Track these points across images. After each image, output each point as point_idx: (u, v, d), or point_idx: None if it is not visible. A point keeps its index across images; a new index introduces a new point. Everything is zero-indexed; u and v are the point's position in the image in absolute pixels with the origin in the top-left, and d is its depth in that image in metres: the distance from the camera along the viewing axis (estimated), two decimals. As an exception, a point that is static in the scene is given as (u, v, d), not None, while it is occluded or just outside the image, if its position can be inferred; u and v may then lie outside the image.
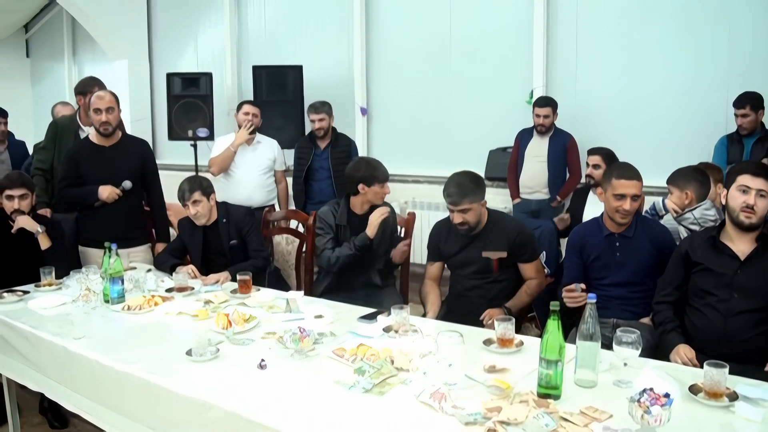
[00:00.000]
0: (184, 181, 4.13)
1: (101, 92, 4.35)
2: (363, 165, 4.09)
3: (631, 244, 3.40)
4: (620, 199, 3.31)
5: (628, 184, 3.30)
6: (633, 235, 3.41)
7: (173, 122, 7.37)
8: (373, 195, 4.05)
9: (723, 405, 2.10)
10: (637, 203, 3.35)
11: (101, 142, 4.34)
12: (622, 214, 3.33)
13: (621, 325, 3.13)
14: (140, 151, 4.52)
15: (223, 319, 2.95)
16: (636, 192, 3.32)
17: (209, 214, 4.13)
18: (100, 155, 4.32)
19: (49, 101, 11.85)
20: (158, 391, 2.44)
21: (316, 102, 5.77)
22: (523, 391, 2.18)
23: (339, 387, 2.31)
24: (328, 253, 4.02)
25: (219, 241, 4.17)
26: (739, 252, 2.87)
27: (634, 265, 3.39)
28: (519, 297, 3.58)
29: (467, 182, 3.56)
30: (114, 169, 4.30)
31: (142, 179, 4.46)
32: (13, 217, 4.00)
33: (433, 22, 7.03)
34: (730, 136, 5.17)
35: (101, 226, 4.22)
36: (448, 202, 3.57)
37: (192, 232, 4.21)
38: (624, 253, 3.40)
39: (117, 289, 3.41)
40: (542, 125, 5.75)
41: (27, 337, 3.10)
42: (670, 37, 5.70)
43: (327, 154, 5.72)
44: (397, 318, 2.90)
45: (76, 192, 4.34)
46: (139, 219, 4.54)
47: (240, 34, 8.91)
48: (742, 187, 2.83)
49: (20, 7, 11.41)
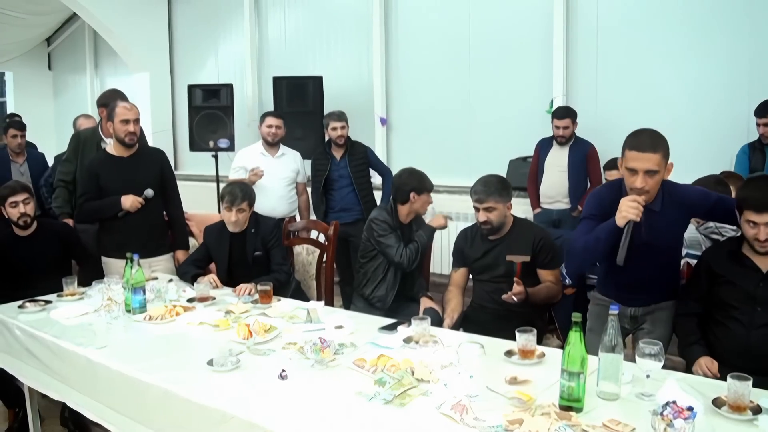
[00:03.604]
0: (236, 186, 4.18)
1: (127, 103, 4.36)
2: (414, 175, 4.23)
3: (658, 219, 2.92)
4: (632, 174, 2.81)
5: (641, 157, 2.77)
6: (660, 209, 2.93)
7: (194, 133, 7.42)
8: (421, 204, 4.20)
9: (747, 418, 2.08)
10: (653, 180, 2.80)
11: (120, 153, 4.35)
12: (636, 192, 2.80)
13: (638, 315, 3.15)
14: (158, 160, 4.54)
15: (244, 330, 2.96)
16: (651, 167, 2.77)
17: (243, 225, 4.17)
18: (120, 166, 4.33)
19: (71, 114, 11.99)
20: (179, 401, 2.45)
21: (335, 111, 5.79)
22: (545, 403, 2.16)
23: (359, 398, 2.31)
24: (407, 247, 4.12)
25: (244, 250, 4.18)
26: (761, 264, 2.84)
27: (662, 242, 2.98)
28: (538, 289, 3.57)
29: (494, 182, 3.64)
30: (134, 179, 4.31)
31: (161, 188, 4.48)
32: (20, 222, 4.09)
33: (452, 32, 7.04)
34: (751, 144, 5.13)
35: (124, 237, 4.23)
36: (474, 200, 3.62)
37: (220, 239, 4.22)
38: (649, 230, 2.89)
39: (139, 299, 3.42)
40: (562, 136, 5.74)
41: (49, 346, 3.12)
42: (690, 45, 5.67)
43: (345, 162, 5.74)
44: (417, 329, 2.89)
45: (99, 204, 4.34)
46: (160, 228, 4.54)
47: (260, 45, 8.97)
48: (749, 222, 2.79)
49: (43, 21, 11.53)
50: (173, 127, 9.93)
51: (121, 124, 4.24)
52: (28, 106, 11.02)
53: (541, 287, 3.60)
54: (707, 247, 3.37)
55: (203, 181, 8.25)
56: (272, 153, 5.54)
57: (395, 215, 4.21)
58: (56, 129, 12.20)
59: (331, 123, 5.71)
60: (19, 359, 3.36)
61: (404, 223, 4.23)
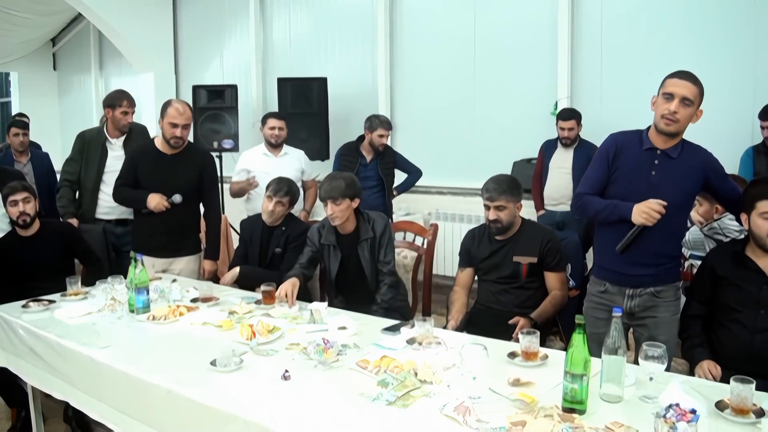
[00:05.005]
0: (283, 181, 4.28)
1: (180, 106, 4.28)
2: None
3: (673, 166, 2.95)
4: (668, 99, 2.86)
5: (681, 83, 2.85)
6: (677, 156, 2.96)
7: (199, 134, 7.42)
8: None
9: (749, 421, 2.07)
10: (686, 111, 2.86)
11: (165, 150, 4.33)
12: (667, 120, 2.87)
13: (635, 311, 3.10)
14: (200, 163, 4.46)
15: (247, 330, 2.97)
16: (688, 95, 2.83)
17: (277, 219, 4.26)
18: (160, 162, 4.32)
19: (76, 114, 12.09)
20: (182, 401, 2.45)
21: (382, 116, 5.95)
22: (548, 405, 2.16)
23: (362, 399, 2.31)
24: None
25: (268, 244, 4.28)
26: (765, 268, 2.84)
27: (668, 190, 2.93)
28: (544, 307, 3.56)
29: (506, 181, 3.65)
30: (170, 178, 4.30)
31: (197, 191, 4.45)
32: (20, 221, 4.10)
33: (457, 33, 7.05)
34: (756, 147, 5.13)
35: (149, 235, 4.28)
36: (484, 198, 3.63)
37: (253, 231, 4.36)
38: (661, 173, 2.95)
39: (142, 299, 3.43)
40: (567, 138, 5.73)
41: (53, 346, 3.13)
42: (695, 47, 5.66)
43: (375, 164, 5.83)
44: (420, 330, 2.89)
45: (130, 194, 4.37)
46: (186, 229, 4.48)
47: (265, 46, 8.99)
48: (764, 215, 2.78)
49: (48, 21, 11.57)
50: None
51: (169, 126, 4.24)
52: (33, 106, 11.04)
53: (546, 306, 3.57)
54: (711, 249, 3.36)
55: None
56: (275, 153, 5.55)
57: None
58: (61, 129, 12.25)
59: (379, 130, 5.78)
60: (23, 358, 3.36)
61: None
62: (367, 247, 3.91)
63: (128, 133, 4.90)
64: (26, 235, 4.17)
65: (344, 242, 3.96)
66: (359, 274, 3.94)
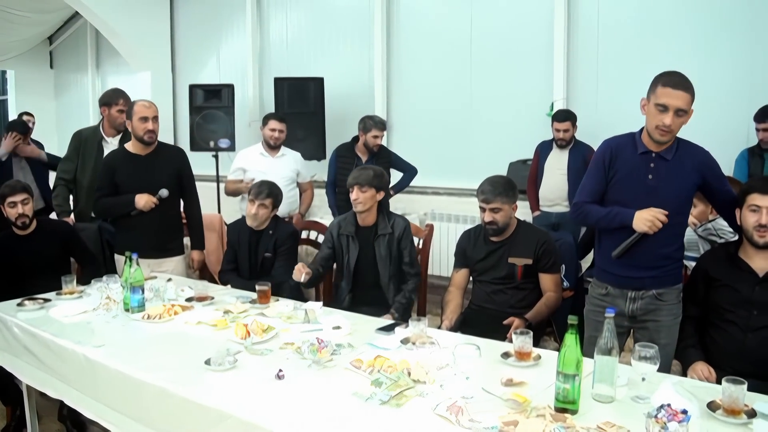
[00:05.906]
0: (266, 183, 4.34)
1: (146, 101, 4.32)
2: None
3: (669, 167, 2.96)
4: (662, 111, 2.85)
5: (675, 94, 2.83)
6: (672, 157, 2.96)
7: (195, 133, 7.43)
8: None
9: (741, 422, 2.09)
10: (680, 120, 2.87)
11: (138, 151, 4.32)
12: (661, 131, 2.87)
13: (636, 314, 3.09)
14: (176, 159, 4.49)
15: (241, 329, 2.97)
16: (682, 106, 2.83)
17: (262, 223, 4.28)
18: (137, 164, 4.31)
19: (73, 112, 12.06)
20: (176, 400, 2.45)
21: (376, 117, 5.94)
22: (541, 405, 2.17)
23: (356, 398, 2.31)
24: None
25: (257, 249, 4.30)
26: (757, 268, 2.85)
27: (667, 192, 2.94)
28: (538, 309, 3.57)
29: (502, 182, 3.65)
30: (150, 178, 4.29)
31: (178, 188, 4.46)
32: (18, 223, 4.10)
33: (454, 34, 7.06)
34: (751, 149, 5.14)
35: (137, 236, 4.21)
36: (480, 200, 3.63)
37: (240, 234, 4.37)
38: (658, 176, 2.96)
39: (137, 298, 3.43)
40: (562, 139, 5.75)
41: (48, 344, 3.13)
42: (691, 49, 5.67)
43: (371, 164, 5.77)
44: (414, 330, 2.90)
45: (113, 201, 4.32)
46: (174, 229, 4.50)
47: (262, 46, 8.99)
48: (752, 207, 2.81)
49: (45, 19, 11.53)
50: (174, 127, 9.92)
51: (140, 122, 4.22)
52: (30, 104, 10.98)
53: (540, 307, 3.58)
54: (704, 252, 3.38)
55: (203, 181, 8.11)
56: (272, 154, 5.55)
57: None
58: (57, 127, 12.21)
59: (373, 131, 5.79)
60: (18, 357, 3.36)
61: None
62: (383, 243, 3.98)
63: (124, 131, 4.90)
64: (23, 234, 4.18)
65: (362, 235, 4.03)
66: (373, 270, 4.01)
